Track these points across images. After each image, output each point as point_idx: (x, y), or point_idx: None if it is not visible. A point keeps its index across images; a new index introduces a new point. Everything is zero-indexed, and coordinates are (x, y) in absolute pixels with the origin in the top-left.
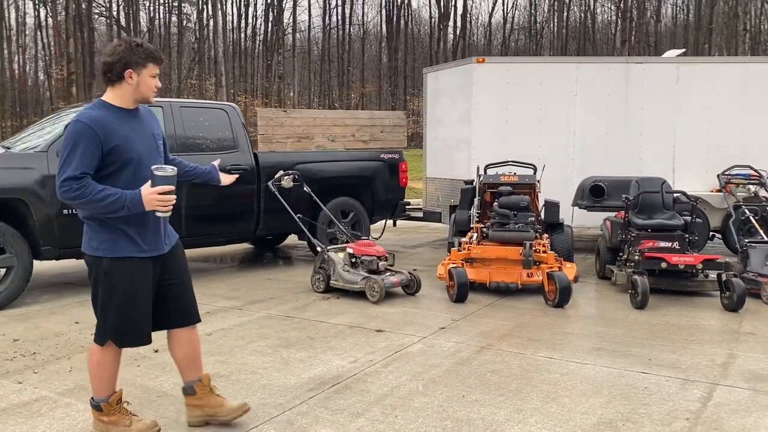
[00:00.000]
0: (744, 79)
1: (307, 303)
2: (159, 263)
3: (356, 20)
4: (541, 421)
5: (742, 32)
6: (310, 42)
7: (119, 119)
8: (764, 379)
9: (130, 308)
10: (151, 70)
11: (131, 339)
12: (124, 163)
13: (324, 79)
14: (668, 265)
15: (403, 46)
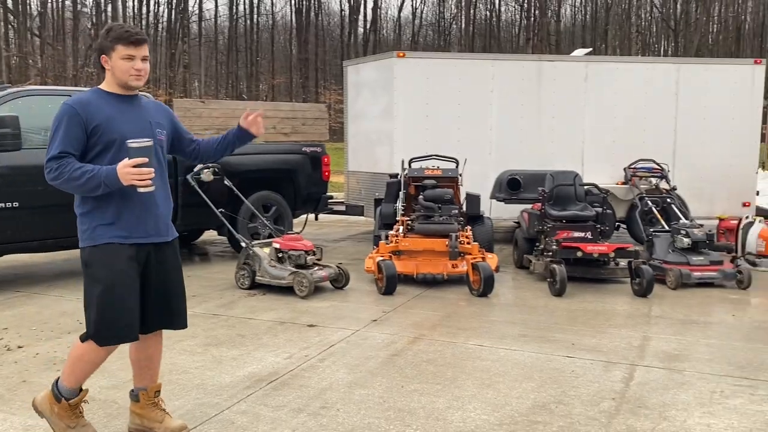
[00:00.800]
0: (646, 78)
1: (232, 300)
2: (144, 253)
3: (264, 10)
4: (479, 407)
5: (635, 34)
6: (216, 31)
7: (107, 102)
8: (676, 359)
9: (111, 301)
10: (121, 52)
11: (112, 336)
12: (107, 144)
13: (231, 69)
14: (583, 254)
15: (314, 38)
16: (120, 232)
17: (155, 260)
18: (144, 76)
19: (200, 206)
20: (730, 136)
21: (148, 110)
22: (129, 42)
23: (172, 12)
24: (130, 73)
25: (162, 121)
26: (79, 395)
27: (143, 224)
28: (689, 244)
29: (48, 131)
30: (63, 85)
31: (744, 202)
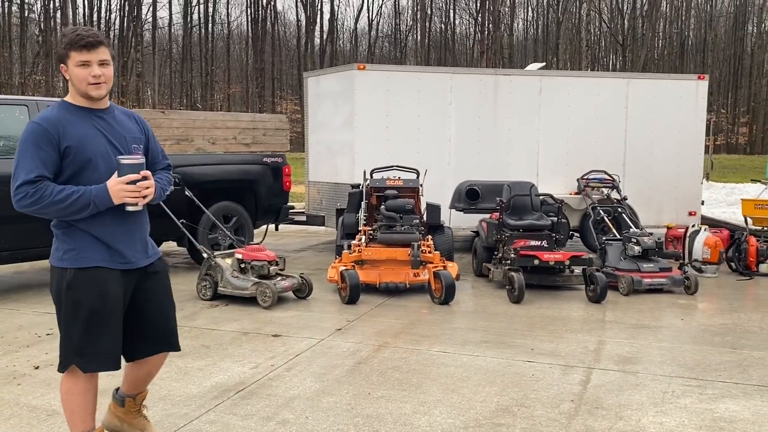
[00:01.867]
0: (597, 92)
1: (194, 311)
2: (133, 278)
3: (219, 19)
4: (445, 412)
5: (585, 48)
6: (171, 39)
7: (77, 117)
8: (630, 361)
9: (98, 327)
10: (75, 58)
11: (98, 362)
12: (82, 164)
13: (186, 78)
14: (540, 262)
15: (270, 48)
16: (109, 256)
17: (146, 284)
18: (105, 83)
19: (160, 217)
20: (676, 148)
21: (122, 124)
22: (81, 46)
23: (124, 19)
24: (88, 81)
25: (138, 135)
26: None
27: (131, 248)
28: (640, 251)
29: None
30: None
31: (690, 211)
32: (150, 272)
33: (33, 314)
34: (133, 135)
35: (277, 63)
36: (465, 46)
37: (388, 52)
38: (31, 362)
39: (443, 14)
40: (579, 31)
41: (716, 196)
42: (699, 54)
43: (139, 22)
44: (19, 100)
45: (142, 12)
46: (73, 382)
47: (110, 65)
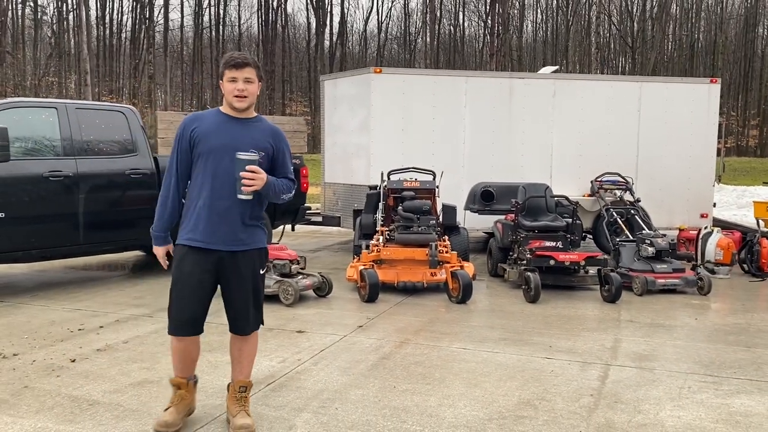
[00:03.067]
0: (610, 95)
1: (219, 308)
2: (214, 259)
3: (229, 21)
4: (469, 405)
5: (594, 51)
6: (182, 42)
7: (216, 120)
8: (646, 359)
9: (175, 295)
10: (227, 75)
11: (176, 326)
12: (199, 154)
13: (196, 80)
14: (556, 263)
15: (281, 51)
16: (192, 237)
17: (227, 267)
18: (247, 96)
19: None
20: (688, 151)
21: (254, 132)
22: (231, 66)
23: (135, 22)
24: (233, 94)
25: (264, 145)
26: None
27: (214, 232)
28: (653, 252)
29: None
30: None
31: (702, 213)
32: (232, 258)
33: (63, 311)
34: (256, 143)
35: (287, 65)
36: (473, 48)
37: (397, 54)
38: (67, 356)
39: (452, 16)
40: (588, 33)
41: (727, 199)
42: (709, 56)
43: (151, 24)
44: (49, 103)
45: (153, 14)
46: (173, 340)
47: (254, 83)
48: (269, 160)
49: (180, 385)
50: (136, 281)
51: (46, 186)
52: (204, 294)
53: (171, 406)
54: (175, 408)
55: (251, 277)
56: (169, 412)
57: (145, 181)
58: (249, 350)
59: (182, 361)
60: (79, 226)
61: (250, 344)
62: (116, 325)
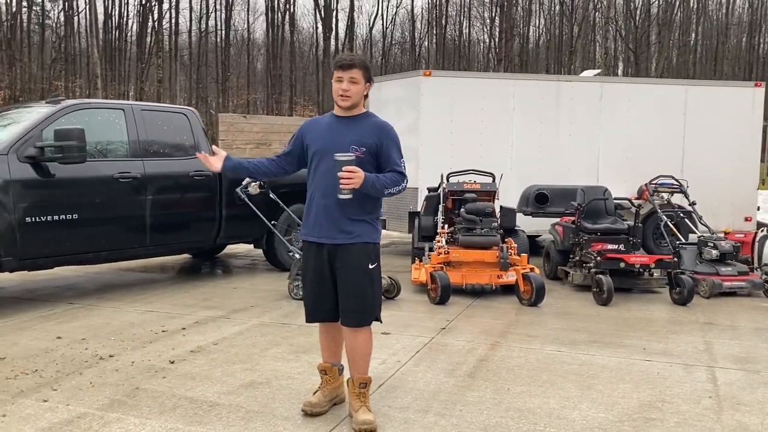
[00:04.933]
0: (656, 98)
1: (293, 310)
2: (325, 252)
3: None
4: (592, 407)
5: (603, 56)
6: (192, 46)
7: (327, 122)
8: (747, 361)
9: (304, 286)
10: (335, 75)
11: (307, 313)
12: (312, 155)
13: (201, 84)
14: (626, 265)
15: (289, 55)
16: (307, 231)
17: (337, 259)
18: (351, 96)
19: (241, 219)
20: (733, 155)
21: (357, 128)
22: (338, 66)
23: (141, 25)
24: (338, 93)
25: (368, 140)
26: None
27: (321, 227)
28: (717, 255)
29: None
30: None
31: (746, 217)
32: (341, 251)
33: (137, 312)
34: (358, 139)
35: (294, 69)
36: (475, 53)
37: (401, 59)
38: (163, 357)
39: (456, 22)
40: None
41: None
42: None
43: (160, 28)
44: (116, 105)
45: (162, 17)
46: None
47: (360, 84)
48: (374, 155)
49: (325, 369)
50: (195, 283)
51: (117, 187)
52: (325, 283)
53: (318, 389)
54: (321, 391)
55: (357, 269)
56: (316, 395)
57: (206, 183)
58: (358, 346)
59: (324, 347)
60: (146, 228)
61: (359, 340)
62: (197, 326)
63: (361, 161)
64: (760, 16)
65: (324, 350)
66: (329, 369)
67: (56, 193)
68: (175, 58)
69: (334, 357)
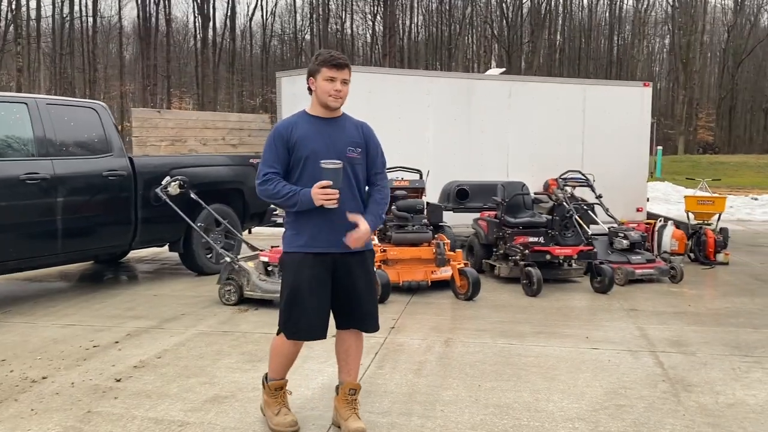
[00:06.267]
0: (559, 96)
1: (229, 317)
2: (329, 261)
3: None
4: (564, 398)
5: (483, 53)
6: (55, 32)
7: (308, 123)
8: (681, 344)
9: (293, 302)
10: (324, 74)
11: (295, 332)
12: (299, 159)
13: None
14: (552, 257)
15: (165, 45)
16: (304, 242)
17: (341, 267)
18: (342, 97)
19: (158, 221)
20: (625, 149)
21: (345, 130)
22: (333, 65)
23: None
24: (329, 93)
25: (359, 141)
26: (279, 381)
27: (325, 235)
28: (628, 245)
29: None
30: None
31: (638, 208)
32: (346, 258)
33: (55, 327)
34: (353, 140)
35: (170, 60)
36: (356, 47)
37: (282, 52)
38: (105, 375)
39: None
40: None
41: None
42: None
43: (18, 13)
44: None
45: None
46: (281, 342)
47: (348, 85)
48: (365, 155)
49: (284, 385)
50: (109, 291)
51: (23, 190)
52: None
53: (282, 406)
54: (287, 407)
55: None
56: (286, 412)
57: (121, 184)
58: (359, 351)
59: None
60: (58, 234)
61: (360, 345)
62: (131, 339)
63: (358, 162)
64: (619, 19)
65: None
66: (285, 383)
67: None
68: (37, 45)
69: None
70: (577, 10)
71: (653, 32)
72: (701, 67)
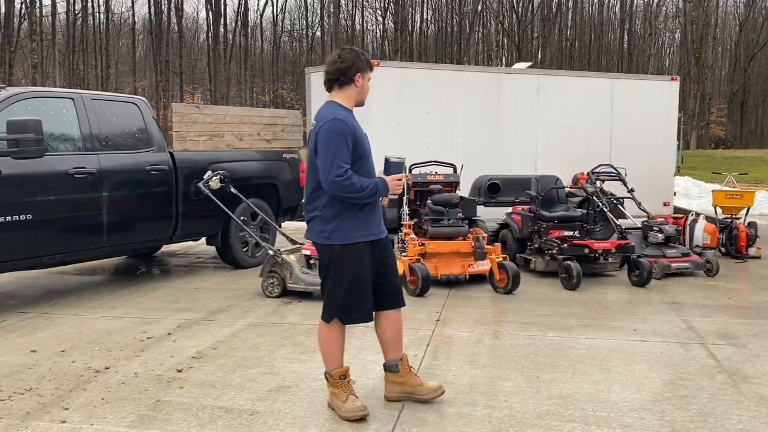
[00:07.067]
0: (588, 90)
1: (274, 309)
2: (378, 246)
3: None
4: (625, 389)
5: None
6: (69, 29)
7: (354, 119)
8: (729, 336)
9: (357, 289)
10: (367, 75)
11: (356, 317)
12: (360, 155)
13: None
14: (590, 251)
15: (177, 41)
16: (365, 232)
17: (385, 249)
18: None
19: (198, 215)
20: (652, 143)
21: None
22: (371, 68)
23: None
24: (368, 93)
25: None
26: (340, 369)
27: (376, 224)
28: (662, 239)
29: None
30: None
31: (665, 202)
32: (386, 242)
33: (105, 319)
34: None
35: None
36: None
37: (291, 47)
38: (166, 365)
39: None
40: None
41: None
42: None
43: (33, 10)
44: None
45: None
46: (332, 331)
47: None
48: None
49: (346, 372)
50: (151, 285)
51: (72, 184)
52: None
53: (350, 393)
54: (354, 394)
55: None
56: (354, 399)
57: (163, 178)
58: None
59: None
60: (103, 227)
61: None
62: (183, 331)
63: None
64: (630, 14)
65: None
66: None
67: (8, 192)
68: (53, 42)
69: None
70: (588, 5)
71: (663, 26)
72: (713, 61)
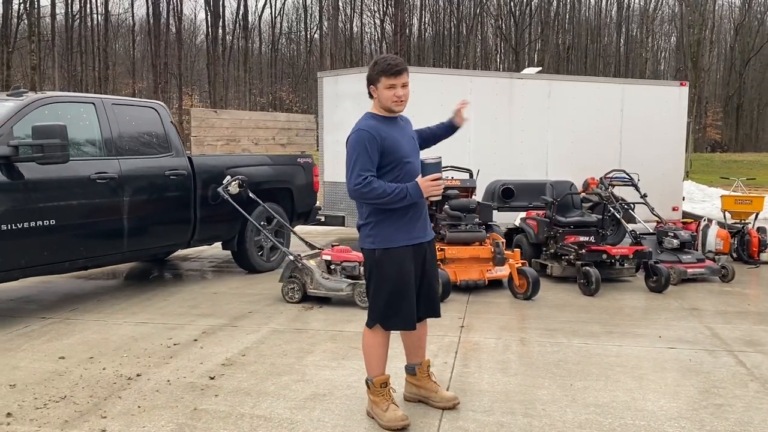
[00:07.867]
0: (597, 95)
1: (297, 315)
2: (422, 251)
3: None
4: (660, 397)
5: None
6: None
7: (385, 125)
8: (754, 344)
9: (400, 294)
10: (384, 83)
11: (398, 322)
12: (393, 162)
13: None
14: (608, 256)
15: (176, 44)
16: (407, 236)
17: (427, 254)
18: (404, 101)
19: (215, 220)
20: (662, 148)
21: (406, 128)
22: (391, 74)
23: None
24: (392, 100)
25: (413, 133)
26: (382, 376)
27: (422, 228)
28: (678, 244)
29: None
30: None
31: (673, 207)
32: (430, 246)
33: (128, 325)
34: (411, 134)
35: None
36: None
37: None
38: (197, 372)
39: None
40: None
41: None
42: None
43: (32, 11)
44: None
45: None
46: (374, 336)
47: (408, 86)
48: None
49: (387, 380)
50: (169, 290)
51: (94, 189)
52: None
53: (390, 402)
54: (395, 403)
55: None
56: (395, 408)
57: (182, 182)
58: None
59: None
60: (124, 232)
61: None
62: (209, 337)
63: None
64: (627, 17)
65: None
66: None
67: (33, 197)
68: (52, 43)
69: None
70: (584, 8)
71: (659, 30)
72: (709, 65)
